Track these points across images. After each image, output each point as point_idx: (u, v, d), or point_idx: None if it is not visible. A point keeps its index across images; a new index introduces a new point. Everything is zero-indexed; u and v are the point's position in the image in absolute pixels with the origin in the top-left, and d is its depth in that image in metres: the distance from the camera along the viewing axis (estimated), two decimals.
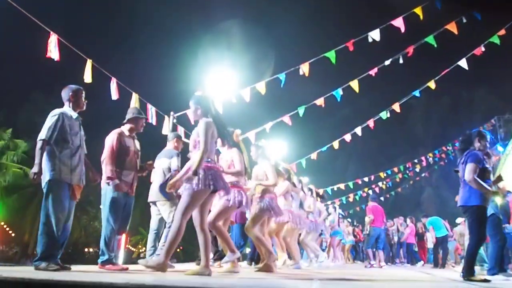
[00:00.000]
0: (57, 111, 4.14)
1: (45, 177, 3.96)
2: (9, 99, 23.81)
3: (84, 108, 4.40)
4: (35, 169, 3.86)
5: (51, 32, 6.06)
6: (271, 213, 5.20)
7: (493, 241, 5.22)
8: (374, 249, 9.97)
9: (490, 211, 5.13)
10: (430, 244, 13.60)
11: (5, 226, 24.45)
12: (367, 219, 10.13)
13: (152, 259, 4.19)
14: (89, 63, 6.67)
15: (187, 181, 3.75)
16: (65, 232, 4.10)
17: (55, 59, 6.09)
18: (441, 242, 11.16)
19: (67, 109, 4.25)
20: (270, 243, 5.48)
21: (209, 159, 3.83)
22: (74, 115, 4.25)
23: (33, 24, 5.93)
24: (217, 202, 4.61)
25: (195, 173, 3.67)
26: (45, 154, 3.98)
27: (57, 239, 3.88)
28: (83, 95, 4.38)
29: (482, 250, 6.63)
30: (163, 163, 5.73)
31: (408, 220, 13.72)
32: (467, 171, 4.37)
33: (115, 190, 4.53)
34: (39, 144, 3.94)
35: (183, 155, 5.15)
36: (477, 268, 6.76)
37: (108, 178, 4.52)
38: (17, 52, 22.52)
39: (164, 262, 3.70)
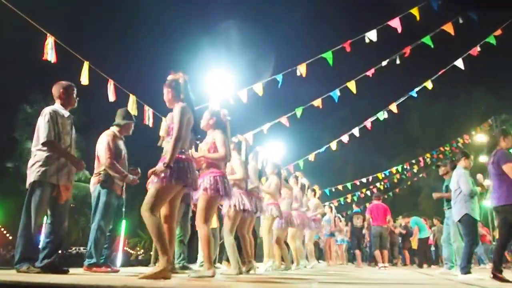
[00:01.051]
0: (48, 109, 4.07)
1: (30, 177, 3.90)
2: (7, 101, 23.74)
3: (76, 105, 4.32)
4: (77, 165, 4.04)
5: (48, 34, 6.04)
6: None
7: (466, 240, 5.24)
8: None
9: (464, 211, 5.17)
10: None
11: (2, 229, 24.37)
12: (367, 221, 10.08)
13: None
14: (86, 65, 6.65)
15: (157, 173, 3.27)
16: (59, 235, 4.06)
17: (52, 62, 6.08)
18: (425, 243, 11.35)
19: (58, 107, 4.18)
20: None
21: (183, 150, 3.42)
22: (66, 113, 4.18)
23: (30, 26, 5.92)
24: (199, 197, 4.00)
25: (168, 165, 3.24)
26: (36, 153, 3.94)
27: (35, 241, 3.86)
28: (75, 92, 4.30)
29: (453, 249, 6.64)
30: None
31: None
32: (510, 171, 4.35)
33: (109, 188, 4.54)
34: (52, 146, 3.92)
35: None
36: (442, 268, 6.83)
37: (124, 177, 4.59)
38: (15, 54, 22.44)
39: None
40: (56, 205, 4.02)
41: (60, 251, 4.11)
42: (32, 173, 3.90)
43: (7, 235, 24.89)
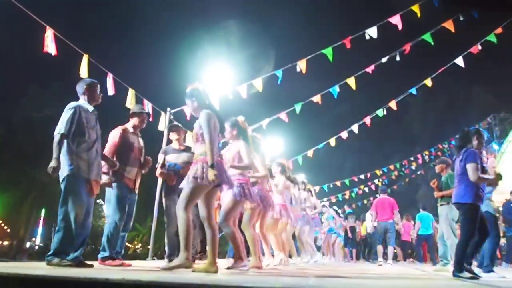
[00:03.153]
0: (73, 104, 4.07)
1: (63, 172, 3.87)
2: (6, 93, 23.71)
3: (99, 101, 4.35)
4: (53, 163, 3.77)
5: (47, 27, 6.02)
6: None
7: (489, 239, 5.25)
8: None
9: (483, 208, 5.19)
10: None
11: (0, 222, 24.41)
12: (372, 216, 9.86)
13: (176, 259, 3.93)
14: (85, 58, 6.64)
15: (193, 174, 3.64)
16: (86, 229, 4.08)
17: (52, 54, 6.07)
18: (426, 240, 11.59)
19: (83, 102, 4.19)
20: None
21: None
22: (90, 108, 4.19)
23: (30, 19, 5.90)
24: (224, 199, 4.49)
25: (213, 166, 3.58)
26: (63, 148, 3.91)
27: (74, 236, 3.83)
28: (98, 88, 4.34)
29: (448, 247, 6.65)
30: None
31: (404, 219, 13.59)
32: (471, 172, 4.39)
33: (120, 181, 4.56)
34: (56, 138, 3.86)
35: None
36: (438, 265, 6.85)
37: (114, 171, 4.55)
38: (14, 47, 22.40)
39: (188, 257, 3.65)
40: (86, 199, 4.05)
41: (85, 247, 4.12)
42: (64, 167, 3.88)
43: (5, 227, 24.92)
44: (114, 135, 4.72)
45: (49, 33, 6.04)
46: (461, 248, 4.38)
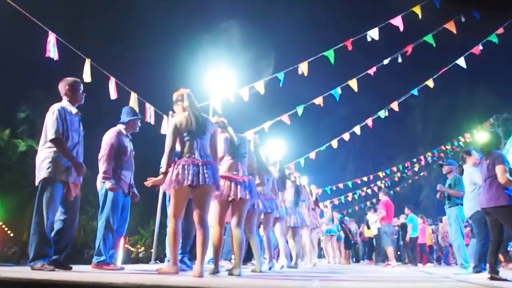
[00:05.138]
0: (56, 106, 4.02)
1: (40, 175, 3.88)
2: (8, 98, 23.75)
3: (83, 101, 4.28)
4: (78, 169, 3.95)
5: (49, 32, 6.05)
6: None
7: (478, 240, 5.28)
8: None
9: (476, 208, 5.20)
10: (443, 243, 13.59)
11: (3, 226, 24.42)
12: (379, 215, 9.72)
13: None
14: (87, 63, 6.65)
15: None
16: (71, 232, 4.07)
17: (54, 59, 6.08)
18: (413, 242, 11.63)
19: (66, 103, 4.13)
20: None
21: (188, 155, 3.67)
22: (74, 110, 4.15)
23: (32, 23, 5.92)
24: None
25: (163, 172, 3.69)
26: (44, 151, 3.93)
27: (49, 238, 3.82)
28: (81, 88, 4.26)
29: (466, 250, 6.60)
30: None
31: (420, 220, 13.36)
32: (500, 173, 4.41)
33: (109, 190, 4.47)
34: (58, 144, 3.87)
35: None
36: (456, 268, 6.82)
37: (105, 177, 4.47)
38: (16, 52, 22.45)
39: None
40: (68, 202, 4.01)
41: (68, 249, 4.10)
42: (42, 170, 3.88)
43: (8, 231, 24.94)
44: (110, 138, 4.60)
45: (51, 38, 6.06)
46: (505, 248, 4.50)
